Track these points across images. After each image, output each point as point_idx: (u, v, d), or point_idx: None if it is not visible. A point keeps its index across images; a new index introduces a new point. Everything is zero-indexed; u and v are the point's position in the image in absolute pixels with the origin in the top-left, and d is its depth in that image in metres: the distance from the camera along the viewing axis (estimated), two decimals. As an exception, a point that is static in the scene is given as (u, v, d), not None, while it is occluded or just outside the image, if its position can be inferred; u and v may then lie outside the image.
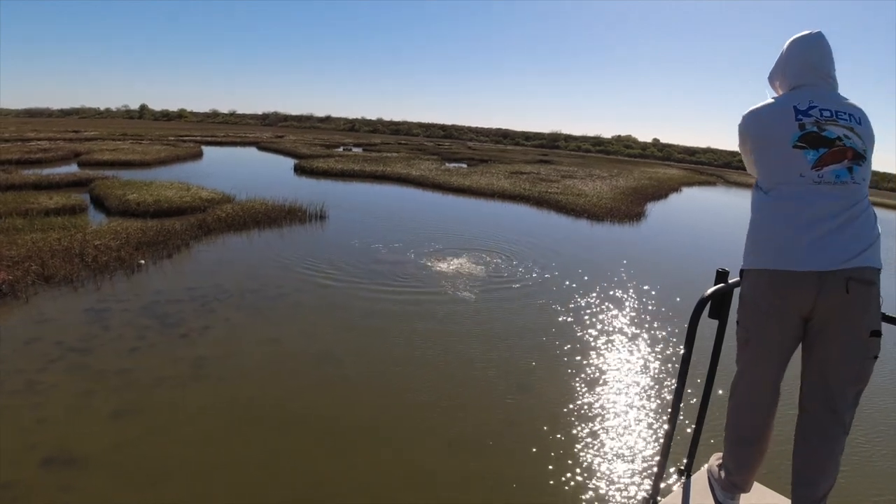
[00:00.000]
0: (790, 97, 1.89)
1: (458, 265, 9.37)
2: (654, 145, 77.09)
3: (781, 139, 1.82)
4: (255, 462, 3.96)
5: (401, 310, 7.15)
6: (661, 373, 5.86)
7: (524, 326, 6.88)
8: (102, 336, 5.95)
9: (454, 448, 4.28)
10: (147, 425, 4.37)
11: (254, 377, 5.20)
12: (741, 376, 1.94)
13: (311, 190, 17.87)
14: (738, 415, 1.96)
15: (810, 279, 1.69)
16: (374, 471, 3.96)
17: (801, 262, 1.71)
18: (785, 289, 1.75)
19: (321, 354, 5.74)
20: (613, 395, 5.32)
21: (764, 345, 1.86)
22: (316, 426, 4.45)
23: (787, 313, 1.78)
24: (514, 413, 4.87)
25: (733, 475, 2.00)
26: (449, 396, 5.05)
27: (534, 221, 15.24)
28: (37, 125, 50.55)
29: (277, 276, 8.28)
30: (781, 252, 1.75)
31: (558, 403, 5.09)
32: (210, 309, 6.74)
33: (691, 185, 34.38)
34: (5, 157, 20.96)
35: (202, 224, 10.77)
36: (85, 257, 8.19)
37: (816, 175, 1.75)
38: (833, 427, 1.78)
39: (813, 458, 1.81)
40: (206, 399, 4.78)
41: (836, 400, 1.77)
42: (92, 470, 3.80)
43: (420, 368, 5.57)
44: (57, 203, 12.08)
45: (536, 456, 4.27)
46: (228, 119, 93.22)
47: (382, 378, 5.33)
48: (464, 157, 40.07)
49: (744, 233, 2.00)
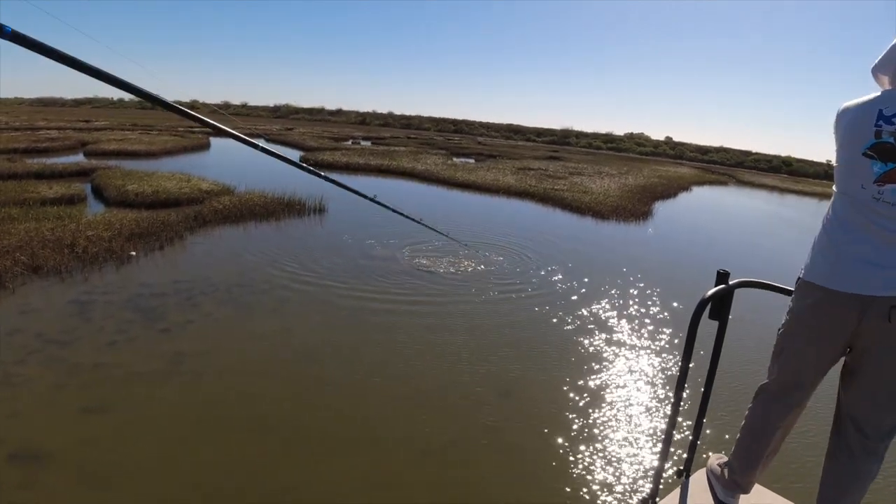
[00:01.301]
0: (882, 97, 1.68)
1: (449, 263, 9.17)
2: (667, 143, 76.24)
3: (855, 142, 1.66)
4: (221, 466, 3.82)
5: (387, 309, 6.95)
6: (657, 376, 5.66)
7: (515, 327, 6.68)
8: (83, 329, 5.85)
9: (430, 457, 4.10)
10: (115, 422, 4.26)
11: (230, 375, 5.05)
12: (768, 385, 1.91)
13: (313, 183, 17.68)
14: (756, 420, 1.93)
15: (853, 302, 1.61)
16: (344, 480, 3.79)
17: (845, 283, 1.63)
18: (828, 308, 1.68)
19: (301, 354, 5.58)
20: (610, 399, 5.15)
21: (797, 359, 1.81)
22: (288, 430, 4.29)
23: (827, 333, 1.71)
24: (497, 419, 4.68)
25: (737, 475, 1.97)
26: (430, 402, 4.86)
27: (537, 219, 15.01)
28: (48, 114, 51.02)
29: (266, 270, 8.14)
30: (830, 268, 1.67)
31: (547, 407, 4.93)
32: (194, 303, 6.62)
33: (702, 185, 33.89)
34: (13, 145, 21.08)
35: (198, 216, 10.67)
36: (76, 248, 8.12)
37: (876, 191, 1.59)
38: (865, 454, 1.73)
39: (840, 479, 1.78)
40: (179, 397, 4.66)
41: (871, 427, 1.71)
42: (55, 466, 3.71)
43: (402, 371, 5.38)
44: (56, 193, 12.06)
45: (523, 462, 4.13)
46: (240, 111, 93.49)
47: (361, 381, 5.13)
48: (472, 152, 39.82)
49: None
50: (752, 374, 5.77)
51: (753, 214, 21.44)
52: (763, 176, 50.43)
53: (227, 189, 13.69)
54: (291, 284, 7.64)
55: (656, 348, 6.45)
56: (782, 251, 13.23)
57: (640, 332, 6.90)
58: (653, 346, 6.52)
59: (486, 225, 13.00)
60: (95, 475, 3.66)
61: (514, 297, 7.82)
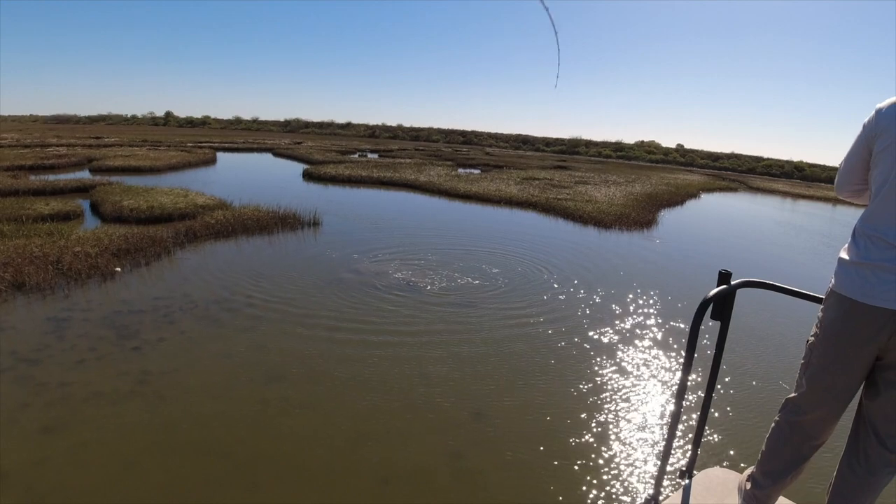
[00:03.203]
0: None
1: (436, 278, 8.92)
2: (677, 151, 75.60)
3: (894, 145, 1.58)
4: (166, 490, 3.66)
5: (364, 329, 6.64)
6: (657, 376, 5.42)
7: (494, 343, 6.45)
8: (55, 346, 5.76)
9: (390, 485, 3.88)
10: (70, 443, 4.14)
11: (192, 396, 4.89)
12: (794, 398, 1.85)
13: (313, 196, 17.78)
14: (782, 433, 1.87)
15: (885, 316, 1.56)
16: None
17: (877, 297, 1.57)
18: (858, 321, 1.62)
19: (269, 374, 5.38)
20: (609, 399, 5.12)
21: (825, 372, 1.74)
22: (243, 455, 4.10)
23: (857, 347, 1.65)
24: (469, 438, 4.48)
25: (760, 489, 1.91)
26: (393, 427, 4.61)
27: (536, 229, 14.77)
28: (61, 131, 51.93)
29: (248, 286, 8.01)
30: (862, 281, 1.61)
31: (547, 406, 4.99)
32: (171, 320, 6.50)
33: (711, 192, 33.42)
34: (20, 162, 21.36)
35: (189, 231, 10.62)
36: (61, 265, 8.08)
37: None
38: (883, 464, 1.70)
39: (853, 487, 1.74)
40: (139, 417, 4.51)
41: (892, 439, 1.67)
42: (5, 487, 3.62)
43: (369, 394, 5.11)
44: (53, 209, 12.13)
45: (521, 463, 4.15)
46: (251, 126, 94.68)
47: (325, 405, 4.91)
48: (479, 162, 39.75)
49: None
50: (753, 375, 5.73)
51: (759, 221, 20.99)
52: (774, 182, 49.63)
53: (223, 203, 13.66)
54: (271, 299, 7.49)
55: (656, 347, 6.42)
56: (792, 261, 12.88)
57: (639, 332, 6.81)
58: (653, 346, 6.49)
59: (485, 237, 12.81)
60: (42, 497, 3.55)
61: (502, 310, 7.60)
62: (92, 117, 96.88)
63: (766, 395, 5.51)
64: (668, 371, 6.02)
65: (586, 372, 5.83)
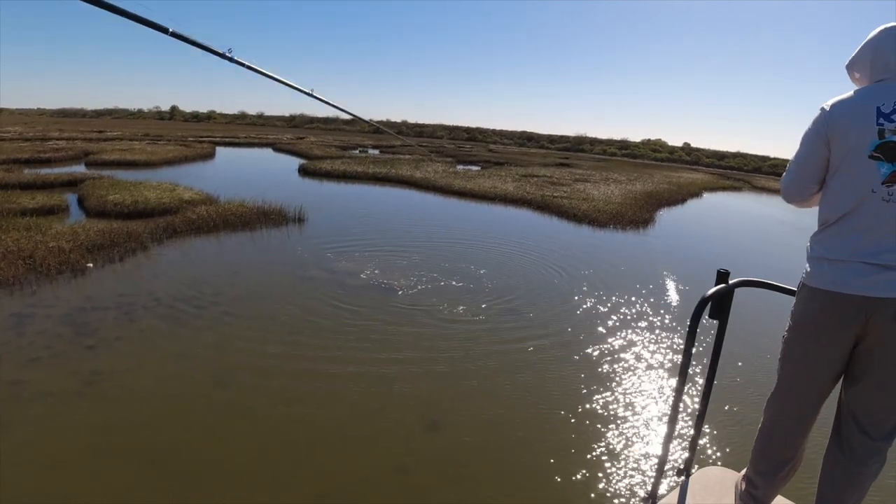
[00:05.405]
0: (873, 93, 1.63)
1: (414, 279, 8.70)
2: (683, 149, 74.97)
3: (858, 145, 1.61)
4: (91, 496, 3.53)
5: (326, 331, 6.40)
6: (657, 375, 5.24)
7: (463, 346, 6.27)
8: (13, 343, 5.67)
9: (324, 500, 3.73)
10: (9, 445, 4.03)
11: (139, 398, 4.76)
12: (775, 395, 1.88)
13: (305, 191, 17.67)
14: (767, 432, 1.90)
15: (858, 304, 1.59)
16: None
17: (851, 286, 1.60)
18: (833, 311, 1.65)
19: (222, 377, 5.21)
20: (608, 400, 4.88)
21: (803, 366, 1.78)
22: (180, 461, 3.96)
23: (833, 338, 1.68)
24: (422, 448, 4.32)
25: (755, 489, 1.92)
26: (342, 437, 4.42)
27: (528, 227, 14.57)
28: (65, 125, 52.12)
29: (218, 283, 7.86)
30: (836, 272, 1.64)
31: (545, 403, 5.01)
32: (132, 318, 6.38)
33: (714, 191, 33.06)
34: (16, 155, 21.39)
35: (168, 226, 10.50)
36: (33, 259, 7.98)
37: (886, 192, 1.57)
38: (868, 454, 1.70)
39: (841, 479, 1.75)
40: (81, 418, 4.39)
41: (874, 427, 1.69)
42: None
43: (324, 401, 4.90)
44: (38, 203, 12.06)
45: (517, 465, 4.13)
46: (255, 121, 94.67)
47: (275, 410, 4.72)
48: (480, 159, 39.49)
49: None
50: (751, 374, 5.73)
51: (761, 221, 20.67)
52: (779, 181, 49.03)
53: (209, 199, 13.53)
54: (239, 297, 7.34)
55: (656, 348, 6.41)
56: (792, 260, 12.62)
57: (639, 333, 6.75)
58: (652, 345, 6.49)
59: (473, 234, 12.63)
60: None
61: (472, 314, 7.43)
62: (98, 111, 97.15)
63: (765, 394, 5.25)
64: (666, 369, 5.96)
65: (583, 371, 5.77)
